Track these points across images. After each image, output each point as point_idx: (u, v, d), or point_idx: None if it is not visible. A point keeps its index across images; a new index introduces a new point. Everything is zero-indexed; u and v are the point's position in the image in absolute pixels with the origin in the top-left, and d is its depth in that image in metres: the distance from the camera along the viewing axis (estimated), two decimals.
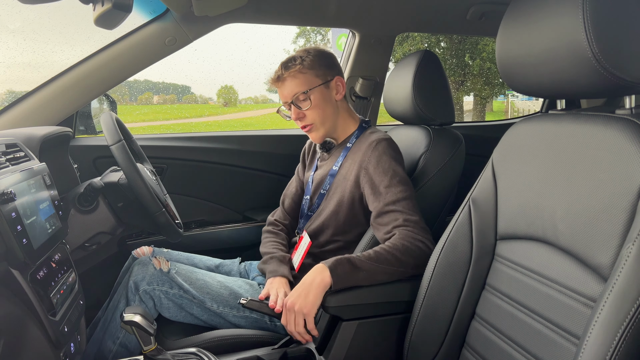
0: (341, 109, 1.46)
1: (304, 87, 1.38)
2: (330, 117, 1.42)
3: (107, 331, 1.29)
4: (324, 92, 1.40)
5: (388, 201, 1.25)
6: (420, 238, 1.18)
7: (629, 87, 0.78)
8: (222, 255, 1.73)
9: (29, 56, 14.85)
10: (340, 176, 1.41)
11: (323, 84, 1.40)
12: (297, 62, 1.38)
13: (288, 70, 1.38)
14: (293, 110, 1.41)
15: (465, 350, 1.07)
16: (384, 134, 1.40)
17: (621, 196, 0.73)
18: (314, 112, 1.39)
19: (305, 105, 1.38)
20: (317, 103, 1.39)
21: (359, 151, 1.37)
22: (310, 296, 1.11)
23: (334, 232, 1.40)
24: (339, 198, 1.38)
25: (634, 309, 0.65)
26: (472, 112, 12.80)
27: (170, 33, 1.62)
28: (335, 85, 1.43)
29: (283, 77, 1.39)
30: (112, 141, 1.29)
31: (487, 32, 2.13)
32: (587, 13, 0.76)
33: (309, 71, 1.38)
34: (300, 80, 1.38)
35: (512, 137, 1.04)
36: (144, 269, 1.32)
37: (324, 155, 1.52)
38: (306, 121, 1.41)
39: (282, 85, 1.40)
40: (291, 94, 1.39)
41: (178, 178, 1.96)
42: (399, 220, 1.22)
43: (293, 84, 1.38)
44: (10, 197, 0.87)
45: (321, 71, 1.40)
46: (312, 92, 1.38)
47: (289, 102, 1.40)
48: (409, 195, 1.26)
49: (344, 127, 1.47)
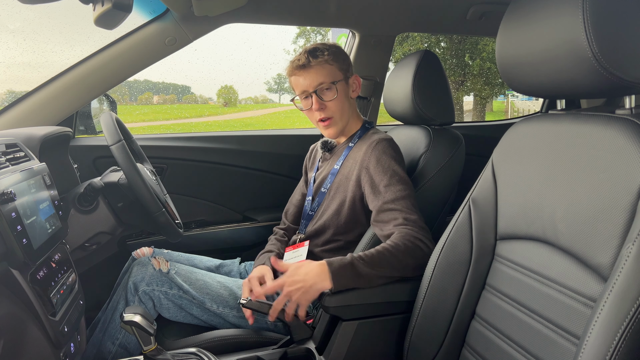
0: (353, 108, 1.47)
1: (331, 78, 1.37)
2: (347, 112, 1.43)
3: (107, 332, 1.29)
4: (345, 88, 1.42)
5: (387, 200, 1.25)
6: (420, 237, 1.18)
7: (629, 87, 0.78)
8: (222, 255, 1.73)
9: (29, 56, 14.86)
10: (341, 175, 1.41)
11: (344, 79, 1.41)
12: (325, 53, 1.37)
13: (316, 59, 1.36)
14: (315, 99, 1.38)
15: (465, 350, 1.07)
16: (385, 134, 1.40)
17: (621, 196, 0.73)
18: (336, 104, 1.39)
19: (329, 96, 1.38)
20: (340, 96, 1.39)
21: (361, 151, 1.37)
22: (308, 295, 1.11)
23: (334, 231, 1.40)
24: (341, 198, 1.38)
25: (634, 309, 0.65)
26: (472, 112, 12.80)
27: (170, 33, 1.62)
28: (353, 83, 1.44)
29: (310, 64, 1.37)
30: (112, 141, 1.29)
31: (487, 32, 2.13)
32: (587, 13, 0.76)
33: (334, 63, 1.38)
34: (328, 70, 1.37)
35: (512, 137, 1.04)
36: (143, 270, 1.32)
37: (325, 155, 1.52)
38: (327, 113, 1.40)
39: (306, 73, 1.38)
40: (316, 82, 1.37)
41: (178, 178, 1.96)
42: (398, 220, 1.22)
43: (320, 73, 1.37)
44: (10, 197, 0.87)
45: (344, 66, 1.41)
46: (338, 84, 1.38)
47: (311, 92, 1.39)
48: (408, 194, 1.26)
49: (351, 125, 1.48)
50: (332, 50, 1.40)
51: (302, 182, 1.66)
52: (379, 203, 1.27)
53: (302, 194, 1.63)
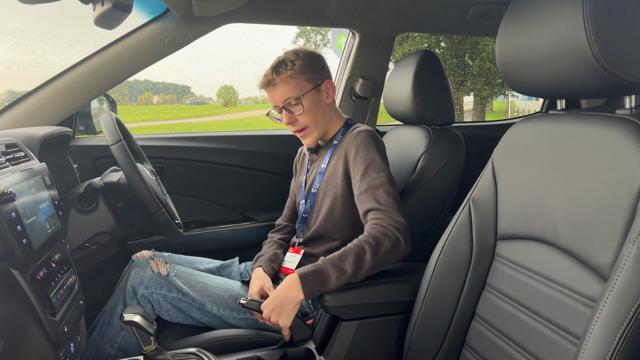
0: (330, 111, 1.45)
1: (296, 93, 1.36)
2: (321, 120, 1.42)
3: (105, 335, 1.29)
4: (315, 97, 1.39)
5: (362, 189, 1.25)
6: (388, 226, 1.17)
7: (629, 87, 0.78)
8: (222, 255, 1.73)
9: (29, 56, 14.88)
10: (329, 173, 1.41)
11: (314, 89, 1.38)
12: (288, 67, 1.35)
13: (279, 75, 1.35)
14: (284, 114, 1.39)
15: (465, 350, 1.07)
16: (367, 127, 1.40)
17: (621, 196, 0.73)
18: (306, 117, 1.38)
19: (297, 110, 1.37)
20: (309, 108, 1.37)
21: (344, 145, 1.38)
22: (283, 313, 1.14)
23: (332, 230, 1.40)
24: (333, 195, 1.38)
25: (634, 309, 0.65)
26: (472, 112, 12.80)
27: (170, 33, 1.62)
28: (326, 89, 1.41)
29: (274, 82, 1.36)
30: (112, 141, 1.29)
31: (487, 32, 2.13)
32: (587, 13, 0.76)
33: (300, 76, 1.36)
34: (292, 85, 1.36)
35: (512, 137, 1.04)
36: (141, 272, 1.32)
37: (313, 157, 1.52)
38: (299, 125, 1.40)
39: (273, 89, 1.38)
40: (282, 98, 1.37)
41: (178, 178, 1.95)
42: (371, 209, 1.22)
43: (284, 89, 1.36)
44: (10, 197, 0.87)
45: (312, 75, 1.38)
46: (304, 97, 1.36)
47: (280, 107, 1.39)
48: (383, 182, 1.25)
49: (331, 128, 1.47)
50: (299, 62, 1.36)
51: (293, 184, 1.66)
52: (356, 193, 1.28)
53: (295, 196, 1.64)
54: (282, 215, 1.65)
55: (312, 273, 1.14)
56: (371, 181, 1.25)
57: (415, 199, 1.47)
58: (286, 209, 1.65)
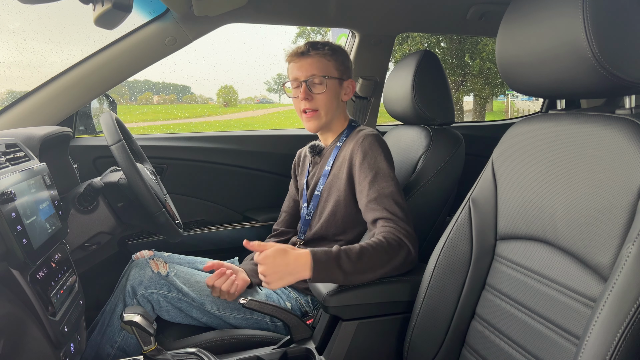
0: (341, 109, 1.48)
1: (324, 72, 1.39)
2: (332, 111, 1.43)
3: (105, 335, 1.29)
4: (337, 87, 1.43)
5: (371, 197, 1.25)
6: (401, 236, 1.17)
7: (629, 87, 0.78)
8: (222, 255, 1.73)
9: (29, 56, 14.87)
10: (332, 175, 1.41)
11: (339, 79, 1.42)
12: (326, 47, 1.41)
13: (316, 50, 1.40)
14: (303, 89, 1.40)
15: (465, 350, 1.07)
16: (372, 130, 1.40)
17: (621, 196, 0.73)
18: (322, 100, 1.40)
19: (318, 89, 1.39)
20: (329, 93, 1.40)
21: (348, 148, 1.38)
22: (282, 281, 1.07)
23: (334, 232, 1.40)
24: (336, 198, 1.38)
25: (634, 309, 0.65)
26: (472, 112, 12.81)
27: (170, 33, 1.62)
28: (347, 86, 1.46)
29: (308, 54, 1.40)
30: (112, 141, 1.29)
31: (487, 32, 2.13)
32: (587, 13, 0.76)
33: (332, 61, 1.41)
34: (323, 64, 1.39)
35: (512, 137, 1.04)
36: (141, 273, 1.32)
37: (315, 159, 1.52)
38: (312, 105, 1.41)
39: (302, 61, 1.40)
40: (309, 72, 1.39)
41: (178, 178, 1.95)
42: (382, 218, 1.21)
43: (315, 64, 1.39)
44: (10, 197, 0.87)
45: (342, 67, 1.43)
46: (329, 80, 1.40)
47: (302, 81, 1.40)
48: (392, 192, 1.24)
49: (337, 126, 1.48)
50: (334, 48, 1.42)
51: (292, 188, 1.66)
52: (364, 201, 1.27)
53: (293, 200, 1.64)
54: (280, 219, 1.65)
55: (327, 265, 1.09)
56: (380, 190, 1.25)
57: (415, 199, 1.47)
58: (283, 213, 1.65)
